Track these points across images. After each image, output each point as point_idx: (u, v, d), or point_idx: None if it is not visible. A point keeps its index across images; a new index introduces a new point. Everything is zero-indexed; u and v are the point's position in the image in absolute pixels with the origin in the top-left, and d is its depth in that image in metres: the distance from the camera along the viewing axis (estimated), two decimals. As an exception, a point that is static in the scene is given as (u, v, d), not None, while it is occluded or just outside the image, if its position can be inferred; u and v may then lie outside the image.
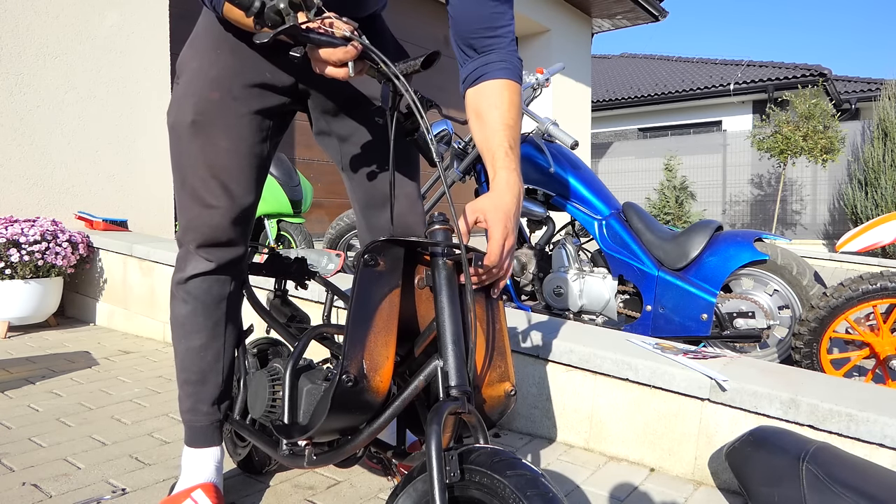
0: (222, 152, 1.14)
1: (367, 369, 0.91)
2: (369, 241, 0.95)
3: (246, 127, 1.16)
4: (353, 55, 0.89)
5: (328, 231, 3.39)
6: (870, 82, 13.59)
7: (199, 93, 1.14)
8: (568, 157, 2.79)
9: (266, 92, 1.17)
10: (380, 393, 0.92)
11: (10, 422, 1.75)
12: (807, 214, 10.30)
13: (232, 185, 1.16)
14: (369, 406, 0.92)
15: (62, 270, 2.92)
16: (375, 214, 1.28)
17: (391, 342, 0.94)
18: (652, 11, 8.00)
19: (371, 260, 0.93)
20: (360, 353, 0.90)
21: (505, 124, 1.08)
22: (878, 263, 5.86)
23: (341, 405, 0.90)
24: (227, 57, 1.14)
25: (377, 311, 0.93)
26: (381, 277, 0.94)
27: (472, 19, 1.12)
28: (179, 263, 1.22)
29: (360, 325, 0.91)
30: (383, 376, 0.92)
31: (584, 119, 8.32)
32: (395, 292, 0.95)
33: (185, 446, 1.26)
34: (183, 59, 1.18)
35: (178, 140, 1.16)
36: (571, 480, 1.50)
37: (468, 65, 1.14)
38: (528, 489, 0.74)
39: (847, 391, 1.47)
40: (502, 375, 1.00)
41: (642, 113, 14.48)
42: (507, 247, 0.98)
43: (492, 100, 1.10)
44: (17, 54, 3.28)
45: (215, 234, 1.17)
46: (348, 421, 0.93)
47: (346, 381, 0.88)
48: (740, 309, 2.49)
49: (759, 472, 1.28)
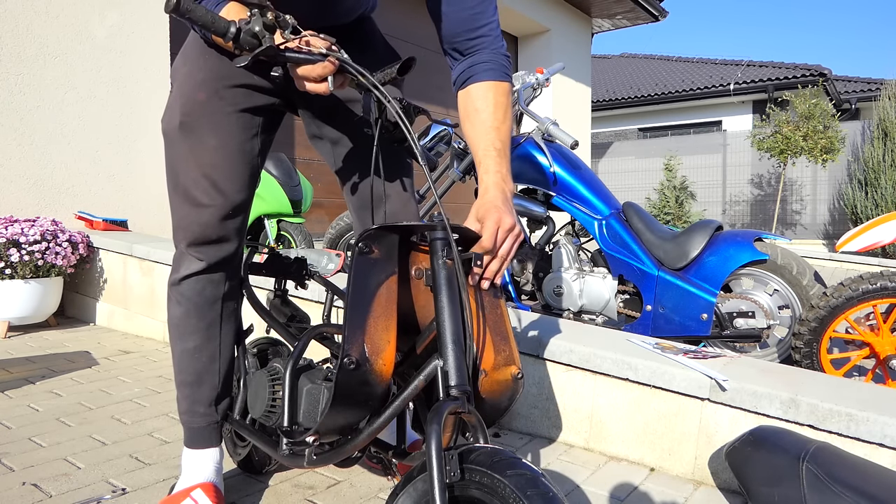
0: (210, 150, 1.15)
1: (369, 353, 0.90)
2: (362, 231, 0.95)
3: (234, 124, 1.17)
4: (332, 70, 0.91)
5: (328, 231, 3.39)
6: (870, 82, 13.59)
7: (186, 95, 1.16)
8: (568, 156, 2.79)
9: (253, 92, 1.18)
10: (383, 377, 0.92)
11: (10, 421, 1.75)
12: (807, 214, 10.30)
13: (221, 182, 1.17)
14: (373, 393, 0.92)
15: (62, 270, 2.92)
16: (368, 215, 1.29)
17: (391, 327, 0.94)
18: (652, 11, 8.00)
19: (365, 248, 0.93)
20: (361, 337, 0.90)
21: (491, 126, 1.10)
22: (878, 263, 5.86)
23: (345, 392, 0.89)
24: (214, 61, 1.15)
25: (375, 296, 0.93)
26: (377, 264, 0.94)
27: (453, 23, 1.14)
28: (174, 265, 1.23)
29: (359, 310, 0.91)
30: (385, 360, 0.92)
31: (584, 119, 8.32)
32: (392, 279, 0.95)
33: (184, 447, 1.27)
34: (175, 66, 1.21)
35: (170, 144, 1.18)
36: (571, 480, 1.50)
37: (456, 67, 1.17)
38: (529, 489, 0.74)
39: (847, 391, 1.47)
40: (507, 359, 1.00)
41: (642, 113, 14.48)
42: (502, 229, 0.99)
43: (478, 103, 1.12)
44: (17, 54, 3.28)
45: (205, 232, 1.17)
46: (353, 411, 0.92)
47: (349, 364, 0.88)
48: (740, 309, 2.49)
49: (760, 472, 1.28)
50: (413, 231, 0.98)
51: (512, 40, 7.82)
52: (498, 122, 1.11)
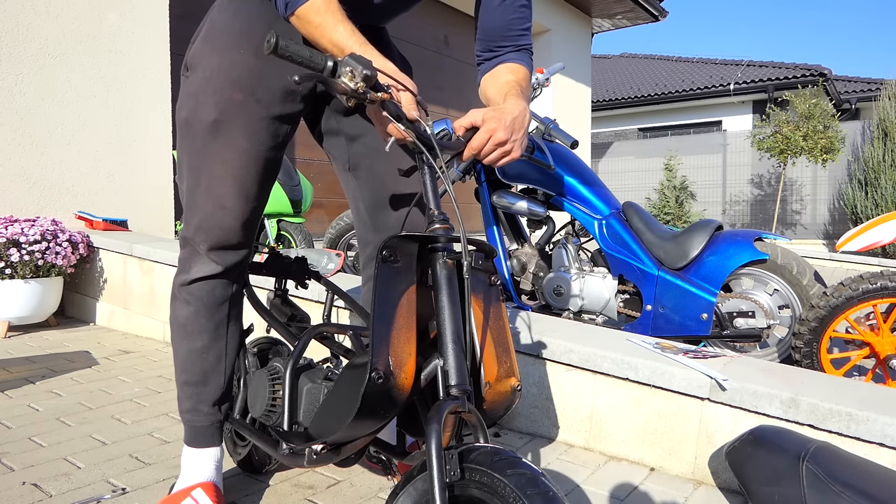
0: (242, 153, 1.14)
1: (394, 366, 0.89)
2: (386, 238, 0.94)
3: (265, 130, 1.16)
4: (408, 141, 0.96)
5: (328, 231, 3.39)
6: (870, 82, 13.58)
7: (221, 92, 1.13)
8: (568, 156, 2.79)
9: (287, 98, 1.17)
10: (405, 390, 0.91)
11: (10, 421, 1.75)
12: (807, 214, 10.30)
13: (250, 186, 1.16)
14: (395, 404, 0.91)
15: (62, 270, 2.92)
16: (384, 213, 1.28)
17: (412, 339, 0.93)
18: (652, 11, 8.00)
19: (390, 255, 0.93)
20: (386, 350, 0.89)
21: (516, 81, 1.19)
22: (878, 263, 5.86)
23: (371, 404, 0.88)
24: (250, 58, 1.13)
25: (398, 307, 0.92)
26: (399, 274, 0.94)
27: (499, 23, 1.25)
28: (183, 264, 1.21)
29: (384, 322, 0.90)
30: (408, 373, 0.91)
31: (584, 119, 8.32)
32: (411, 289, 0.95)
33: (184, 446, 1.27)
34: (197, 53, 1.16)
35: (193, 137, 1.15)
36: (571, 480, 1.50)
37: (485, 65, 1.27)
38: (529, 488, 0.74)
39: (847, 391, 1.47)
40: (508, 371, 1.00)
41: (642, 113, 14.47)
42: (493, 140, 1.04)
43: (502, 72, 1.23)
44: (17, 54, 3.28)
45: (227, 237, 1.17)
46: (373, 421, 0.91)
47: (377, 377, 0.87)
48: (740, 308, 2.49)
49: (760, 472, 1.28)
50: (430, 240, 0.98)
51: (512, 40, 7.80)
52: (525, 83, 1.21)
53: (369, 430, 0.94)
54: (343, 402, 0.95)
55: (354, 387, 0.91)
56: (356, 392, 0.89)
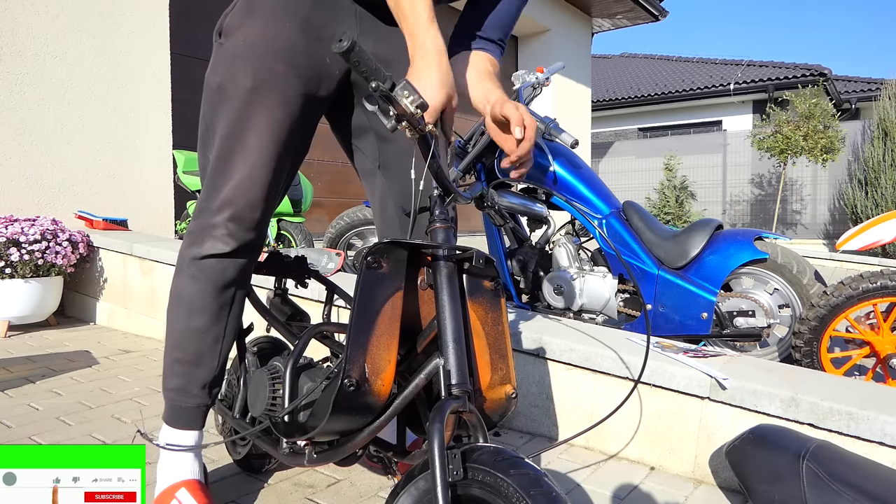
0: (277, 126, 1.13)
1: (370, 373, 0.90)
2: (373, 244, 0.94)
3: (301, 107, 1.15)
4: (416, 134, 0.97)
5: (328, 230, 3.38)
6: (870, 82, 13.59)
7: (262, 60, 1.11)
8: (568, 156, 2.79)
9: (323, 80, 1.17)
10: (381, 396, 0.92)
11: (10, 420, 1.75)
12: (807, 214, 10.31)
13: (279, 159, 1.15)
14: (370, 409, 0.92)
15: (62, 270, 2.92)
16: None
17: (393, 346, 0.93)
18: (652, 11, 8.00)
19: (374, 262, 0.92)
20: (363, 358, 0.90)
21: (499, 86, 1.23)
22: (878, 262, 5.86)
23: (342, 409, 0.89)
24: (294, 33, 1.13)
25: (380, 314, 0.92)
26: (384, 280, 0.93)
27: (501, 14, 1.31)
28: (195, 237, 1.16)
29: (363, 328, 0.90)
30: (385, 380, 0.92)
31: (584, 119, 8.32)
32: (397, 295, 0.94)
33: (164, 424, 1.22)
34: (235, 21, 1.15)
35: (228, 102, 1.13)
36: (572, 479, 1.50)
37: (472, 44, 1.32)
38: (532, 488, 0.74)
39: (847, 390, 1.47)
40: (504, 378, 0.99)
41: (642, 113, 14.48)
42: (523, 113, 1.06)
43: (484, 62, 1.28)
44: (17, 54, 3.28)
45: (249, 211, 1.14)
46: (349, 423, 0.93)
47: (348, 385, 0.87)
48: (740, 308, 2.49)
49: (760, 471, 1.28)
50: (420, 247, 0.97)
51: (512, 40, 7.81)
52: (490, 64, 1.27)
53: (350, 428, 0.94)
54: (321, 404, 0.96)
55: (328, 391, 0.92)
56: (329, 397, 0.90)
